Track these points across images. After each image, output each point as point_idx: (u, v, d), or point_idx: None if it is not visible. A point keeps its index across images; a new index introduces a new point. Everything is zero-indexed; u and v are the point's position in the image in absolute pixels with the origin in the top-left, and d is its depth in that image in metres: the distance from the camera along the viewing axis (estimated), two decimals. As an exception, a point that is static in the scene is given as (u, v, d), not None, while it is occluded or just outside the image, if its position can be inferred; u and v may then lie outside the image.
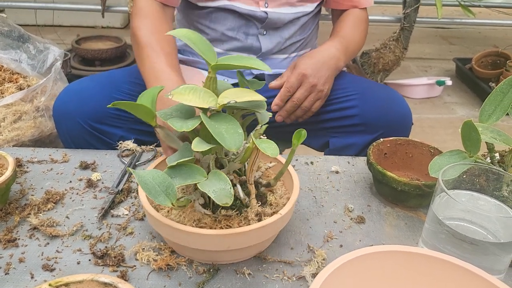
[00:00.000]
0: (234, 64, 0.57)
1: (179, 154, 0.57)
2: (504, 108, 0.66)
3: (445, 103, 2.37)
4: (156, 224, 0.58)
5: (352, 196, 0.75)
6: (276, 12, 0.97)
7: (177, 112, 0.59)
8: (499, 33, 3.55)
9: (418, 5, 1.89)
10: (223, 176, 0.53)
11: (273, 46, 1.01)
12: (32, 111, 1.02)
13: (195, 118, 0.55)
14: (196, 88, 0.54)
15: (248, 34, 0.99)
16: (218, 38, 1.00)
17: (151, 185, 0.51)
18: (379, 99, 0.91)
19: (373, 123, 0.90)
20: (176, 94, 0.53)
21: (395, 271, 0.47)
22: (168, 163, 0.54)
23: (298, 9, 1.00)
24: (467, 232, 0.54)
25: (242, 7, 0.95)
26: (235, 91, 0.57)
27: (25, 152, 0.83)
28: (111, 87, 0.92)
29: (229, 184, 0.52)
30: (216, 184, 0.51)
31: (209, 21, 0.99)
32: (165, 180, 0.51)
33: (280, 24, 0.99)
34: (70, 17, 3.15)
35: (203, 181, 0.52)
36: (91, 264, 0.59)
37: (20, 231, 0.64)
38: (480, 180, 0.60)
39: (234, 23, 0.98)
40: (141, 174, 0.52)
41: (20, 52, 1.13)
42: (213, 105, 0.53)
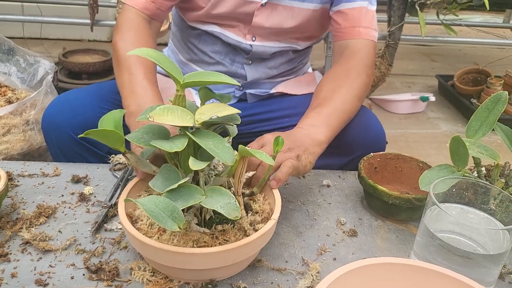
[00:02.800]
0: (203, 81, 0.58)
1: (162, 177, 0.56)
2: (490, 124, 0.68)
3: (429, 118, 2.42)
4: (151, 252, 0.55)
5: (343, 209, 0.76)
6: (262, 45, 0.97)
7: (149, 134, 0.57)
8: (479, 51, 3.65)
9: (403, 23, 1.94)
10: (224, 190, 0.54)
11: (259, 75, 1.02)
12: (21, 124, 1.01)
13: (179, 138, 0.54)
14: (172, 108, 0.54)
15: (234, 61, 1.00)
16: (204, 60, 1.02)
17: (157, 212, 0.50)
18: (354, 122, 0.90)
19: (348, 145, 0.91)
20: (156, 116, 0.52)
21: (390, 283, 0.48)
22: (154, 188, 0.54)
23: (286, 44, 1.00)
24: (458, 244, 0.55)
25: (230, 36, 0.97)
26: (209, 107, 0.57)
27: (15, 166, 0.83)
28: (99, 98, 0.92)
29: (233, 197, 0.53)
30: (221, 200, 0.52)
31: (198, 42, 1.01)
32: (168, 204, 0.51)
33: (266, 56, 1.00)
34: (56, 30, 3.14)
35: (204, 199, 0.52)
36: (85, 279, 0.58)
37: (12, 245, 0.63)
38: (468, 193, 0.62)
39: (222, 48, 0.99)
40: (144, 202, 0.51)
41: (10, 65, 1.13)
42: (193, 123, 0.54)
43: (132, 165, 0.60)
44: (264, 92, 1.05)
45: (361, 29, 0.92)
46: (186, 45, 1.04)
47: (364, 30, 0.92)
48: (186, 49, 1.05)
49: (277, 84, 1.06)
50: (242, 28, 0.96)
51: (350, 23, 0.92)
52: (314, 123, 0.79)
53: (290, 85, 1.06)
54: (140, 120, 0.56)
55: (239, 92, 1.03)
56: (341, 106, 0.83)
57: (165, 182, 0.55)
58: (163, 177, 0.56)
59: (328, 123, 0.79)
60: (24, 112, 1.03)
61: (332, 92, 0.85)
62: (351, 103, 0.85)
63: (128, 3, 0.91)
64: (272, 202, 0.65)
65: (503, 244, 0.55)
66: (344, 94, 0.85)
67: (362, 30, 0.92)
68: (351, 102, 0.85)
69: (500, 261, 0.56)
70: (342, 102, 0.84)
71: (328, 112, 0.81)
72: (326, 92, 0.86)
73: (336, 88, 0.86)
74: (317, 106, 0.83)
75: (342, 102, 0.84)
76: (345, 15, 0.93)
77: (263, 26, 0.94)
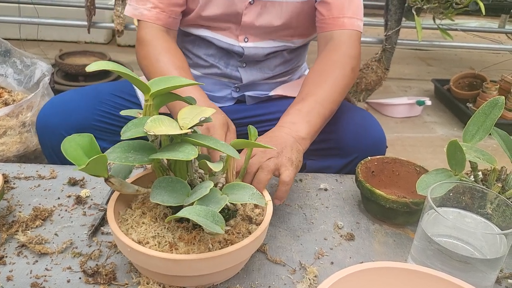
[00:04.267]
0: (169, 87, 0.57)
1: (165, 190, 0.55)
2: (487, 128, 0.68)
3: (425, 122, 2.43)
4: (151, 263, 0.54)
5: (341, 213, 0.76)
6: (255, 46, 0.97)
7: (131, 151, 0.55)
8: (475, 56, 3.67)
9: (399, 28, 1.95)
10: (243, 184, 0.57)
11: (254, 78, 1.02)
12: (17, 126, 1.01)
13: (185, 145, 0.54)
14: (159, 118, 0.54)
15: (228, 64, 1.00)
16: (199, 63, 1.02)
17: (203, 220, 0.50)
18: (354, 124, 0.92)
19: (347, 147, 0.91)
20: (152, 129, 0.51)
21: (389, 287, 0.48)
22: (164, 203, 0.54)
23: (280, 43, 0.99)
24: (455, 248, 0.55)
25: (222, 40, 0.97)
26: (187, 111, 0.57)
27: (11, 168, 0.82)
28: (95, 99, 0.92)
29: (253, 187, 0.58)
30: (245, 193, 0.57)
31: (192, 47, 1.02)
32: (208, 211, 0.51)
33: (259, 58, 0.99)
34: (53, 31, 3.13)
35: (231, 197, 0.56)
36: (81, 282, 0.58)
37: (8, 248, 0.63)
38: (465, 198, 0.62)
39: (215, 52, 1.00)
40: (188, 214, 0.50)
41: (6, 66, 1.12)
42: (185, 129, 0.54)
43: (116, 190, 0.58)
44: (263, 94, 1.05)
45: (346, 19, 0.91)
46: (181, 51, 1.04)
47: (348, 21, 0.91)
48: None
49: (274, 86, 1.06)
50: (234, 30, 0.96)
51: (334, 13, 0.91)
52: (294, 121, 0.78)
53: (289, 87, 1.06)
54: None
55: (237, 93, 1.04)
56: (322, 102, 0.82)
57: (172, 194, 0.55)
58: (166, 190, 0.55)
59: (308, 120, 0.79)
60: (20, 114, 1.03)
61: (316, 87, 0.84)
62: (334, 98, 0.85)
63: (142, 19, 0.92)
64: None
65: (500, 249, 0.55)
66: (327, 90, 0.84)
67: (347, 21, 0.91)
68: (334, 98, 0.85)
69: (497, 265, 0.56)
70: (324, 98, 0.83)
71: (309, 109, 0.80)
72: (310, 88, 0.85)
73: (320, 84, 0.85)
74: (299, 102, 0.82)
75: (324, 98, 0.83)
76: (328, 5, 0.91)
77: (253, 25, 0.94)
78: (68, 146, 0.52)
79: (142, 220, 0.59)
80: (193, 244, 0.57)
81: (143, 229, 0.58)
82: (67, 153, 0.51)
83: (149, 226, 0.59)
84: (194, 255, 0.53)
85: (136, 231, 0.58)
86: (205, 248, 0.56)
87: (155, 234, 0.57)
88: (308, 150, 0.97)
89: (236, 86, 1.03)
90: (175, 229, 0.59)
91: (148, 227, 0.58)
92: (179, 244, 0.56)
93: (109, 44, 3.33)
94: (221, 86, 1.03)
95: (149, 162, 0.54)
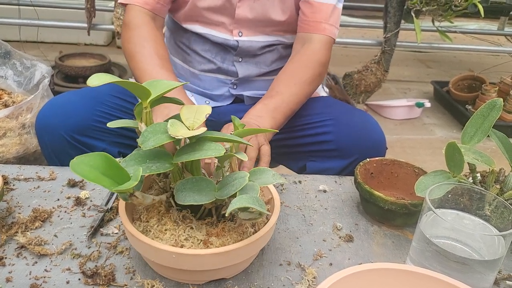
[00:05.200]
0: (165, 91, 0.59)
1: (192, 190, 0.56)
2: (485, 130, 0.68)
3: (424, 124, 2.43)
4: (160, 255, 0.55)
5: (340, 214, 0.76)
6: (249, 40, 0.99)
7: (151, 160, 0.55)
8: (474, 58, 3.68)
9: (398, 30, 1.95)
10: (262, 168, 0.61)
11: (249, 72, 1.03)
12: (17, 128, 1.01)
13: (205, 143, 0.55)
14: (175, 122, 0.56)
15: (224, 59, 1.02)
16: (196, 59, 1.03)
17: (257, 206, 0.53)
18: (353, 125, 0.93)
19: (347, 148, 0.92)
20: (175, 132, 0.53)
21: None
22: (196, 202, 0.55)
23: (274, 38, 1.01)
24: (453, 250, 0.56)
25: (217, 35, 0.98)
26: (186, 112, 0.59)
27: (11, 169, 0.82)
28: (94, 100, 0.93)
29: (270, 170, 0.62)
30: (266, 176, 0.60)
31: (189, 42, 1.03)
32: (253, 198, 0.54)
33: (254, 51, 1.01)
34: (52, 33, 3.13)
35: (257, 181, 0.59)
36: (81, 284, 0.58)
37: (7, 249, 0.63)
38: (464, 199, 0.63)
39: (211, 47, 1.01)
40: (240, 202, 0.52)
41: (6, 68, 1.12)
42: (193, 129, 0.56)
43: (138, 204, 0.58)
44: (262, 94, 1.05)
45: (327, 26, 0.96)
46: (178, 47, 1.06)
47: (329, 27, 0.96)
48: (179, 51, 1.06)
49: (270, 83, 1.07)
50: (228, 25, 0.97)
51: (317, 18, 0.95)
52: (260, 115, 0.84)
53: None
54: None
55: (234, 90, 1.04)
56: (288, 102, 0.89)
57: (201, 192, 0.56)
58: (193, 190, 0.56)
59: (274, 116, 0.85)
60: (20, 116, 1.03)
61: (285, 87, 0.90)
62: (299, 100, 0.92)
63: (130, 2, 0.93)
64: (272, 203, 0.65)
65: (498, 250, 0.55)
66: (296, 92, 0.90)
67: (328, 27, 0.96)
68: (299, 99, 0.92)
69: (495, 267, 0.56)
70: (291, 99, 0.89)
71: (275, 106, 0.87)
72: (280, 87, 0.91)
73: (289, 85, 0.91)
74: (267, 98, 0.89)
75: (291, 100, 0.89)
76: (313, 8, 0.95)
77: (247, 18, 0.96)
78: (79, 169, 0.49)
79: (164, 228, 0.59)
80: (223, 236, 0.58)
81: (169, 235, 0.58)
82: (84, 173, 0.49)
83: (175, 231, 0.59)
84: (237, 244, 0.55)
85: (163, 239, 0.58)
86: (238, 236, 0.59)
87: (187, 236, 0.58)
88: (308, 151, 0.98)
89: (232, 83, 1.03)
90: (201, 227, 0.59)
91: (174, 232, 0.58)
92: (211, 240, 0.57)
93: (108, 46, 3.34)
94: (218, 83, 1.04)
95: (171, 167, 0.55)
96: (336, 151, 0.93)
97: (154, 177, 0.66)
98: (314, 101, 1.01)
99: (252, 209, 0.58)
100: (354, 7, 3.77)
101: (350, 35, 3.63)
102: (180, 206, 0.62)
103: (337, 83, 2.31)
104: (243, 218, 0.57)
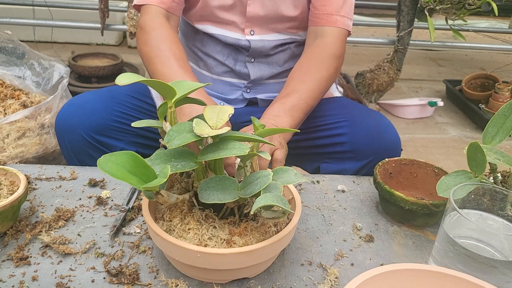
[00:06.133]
0: (189, 91, 0.60)
1: (216, 189, 0.57)
2: (507, 130, 0.68)
3: (437, 123, 2.42)
4: (187, 255, 0.56)
5: (359, 214, 0.76)
6: (261, 39, 0.98)
7: (176, 159, 0.56)
8: (486, 56, 3.65)
9: (412, 29, 1.94)
10: (285, 168, 0.62)
11: (262, 73, 1.02)
12: (36, 128, 1.02)
13: (229, 142, 0.56)
14: (199, 121, 0.57)
15: (237, 60, 1.01)
16: (209, 62, 1.03)
17: (282, 204, 0.53)
18: (368, 127, 0.92)
19: (362, 150, 0.91)
20: (202, 131, 0.54)
21: (413, 289, 0.48)
22: (222, 201, 0.55)
23: (286, 36, 1.00)
24: (477, 250, 0.55)
25: (228, 35, 0.98)
26: (209, 112, 0.60)
27: (32, 169, 0.83)
28: (112, 100, 0.94)
29: (293, 169, 0.62)
30: (289, 175, 0.60)
31: (201, 45, 1.03)
32: (277, 196, 0.54)
33: (267, 51, 1.00)
34: (65, 33, 3.16)
35: (280, 180, 0.59)
36: (106, 282, 0.59)
37: (32, 249, 0.64)
38: (485, 199, 0.62)
39: (223, 49, 1.00)
40: (265, 200, 0.53)
41: (24, 69, 1.14)
42: (216, 128, 0.57)
43: (163, 203, 0.58)
44: (275, 96, 1.05)
45: (338, 17, 0.94)
46: (191, 51, 1.06)
47: (341, 19, 0.94)
48: (192, 54, 1.07)
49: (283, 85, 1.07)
50: (239, 24, 0.97)
51: (328, 10, 0.93)
52: (278, 114, 0.82)
53: None
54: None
55: (248, 94, 1.04)
56: (306, 99, 0.86)
57: (225, 191, 0.56)
58: (217, 189, 0.57)
59: (292, 114, 0.83)
60: (39, 116, 1.04)
61: (301, 84, 0.88)
62: (316, 96, 0.89)
63: (145, 3, 0.93)
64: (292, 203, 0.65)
65: (523, 251, 0.55)
66: (312, 88, 0.88)
67: (339, 19, 0.94)
68: (317, 96, 0.89)
69: (520, 267, 0.56)
70: (308, 96, 0.87)
71: (293, 104, 0.84)
72: (295, 84, 0.89)
73: (305, 81, 0.89)
74: (284, 96, 0.86)
75: (308, 96, 0.87)
76: (323, 0, 0.93)
77: (258, 15, 0.95)
78: (107, 167, 0.50)
79: (187, 227, 0.60)
80: (246, 235, 0.58)
81: (192, 234, 0.59)
82: (112, 171, 0.50)
83: (198, 230, 0.59)
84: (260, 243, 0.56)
85: (187, 238, 0.58)
86: (260, 236, 0.59)
87: (210, 235, 0.58)
88: (322, 153, 0.98)
89: (246, 86, 1.03)
90: (223, 226, 0.60)
91: (197, 231, 0.59)
92: (234, 239, 0.58)
93: (120, 45, 3.36)
94: (231, 87, 1.04)
95: (196, 166, 0.55)
96: (351, 153, 0.92)
97: (177, 176, 0.67)
98: (329, 102, 1.01)
99: (275, 208, 0.59)
100: (364, 5, 3.77)
101: (360, 34, 3.62)
102: (202, 206, 0.62)
103: (349, 82, 2.30)
104: (266, 217, 0.58)
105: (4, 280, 0.58)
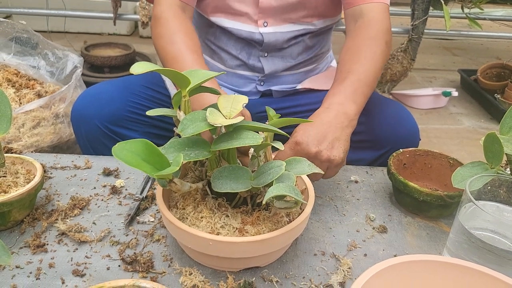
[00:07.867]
0: (202, 81, 0.60)
1: (228, 178, 0.57)
2: (525, 121, 0.67)
3: (451, 113, 2.39)
4: (199, 242, 0.56)
5: (372, 205, 0.76)
6: (274, 32, 0.96)
7: (190, 148, 0.56)
8: (501, 45, 3.58)
9: (427, 17, 1.91)
10: (298, 158, 0.62)
11: (276, 67, 1.01)
12: (51, 117, 1.03)
13: (243, 132, 0.56)
14: (213, 111, 0.57)
15: (250, 55, 1.00)
16: (223, 56, 1.02)
17: (294, 194, 0.54)
18: (386, 116, 0.91)
19: (380, 139, 0.90)
20: (216, 120, 0.54)
21: (429, 281, 0.48)
22: (235, 190, 0.55)
23: (300, 27, 0.97)
24: (494, 242, 0.55)
25: (241, 28, 0.96)
26: (222, 101, 0.59)
27: (47, 158, 0.84)
28: (127, 91, 0.94)
29: (306, 160, 0.62)
30: (302, 166, 0.60)
31: (214, 38, 1.02)
32: (289, 186, 0.54)
33: (280, 45, 0.98)
34: (78, 23, 3.18)
35: (293, 171, 0.59)
36: (121, 270, 0.60)
37: (48, 236, 0.65)
38: (502, 191, 0.62)
39: (236, 43, 0.99)
40: (278, 190, 0.53)
41: (39, 59, 1.15)
42: (230, 117, 0.57)
43: (176, 191, 0.58)
44: (289, 88, 1.04)
45: None
46: (205, 44, 1.05)
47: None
48: (206, 48, 1.06)
49: (298, 77, 1.05)
50: (252, 15, 0.95)
51: None
52: (341, 101, 0.76)
53: (317, 80, 1.06)
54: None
55: (261, 87, 1.04)
56: (365, 81, 0.80)
57: (238, 180, 0.56)
58: (230, 178, 0.57)
59: (355, 100, 0.77)
60: (53, 106, 1.05)
61: (356, 65, 0.82)
62: (375, 76, 0.82)
63: None
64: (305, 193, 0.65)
65: (540, 243, 0.54)
66: (368, 67, 0.82)
67: None
68: (375, 75, 0.82)
69: (537, 260, 0.55)
70: (366, 76, 0.81)
71: (354, 88, 0.78)
72: (350, 65, 0.82)
73: (359, 61, 0.82)
74: (342, 81, 0.80)
75: (366, 76, 0.81)
76: None
77: (271, 5, 0.93)
78: (121, 154, 0.50)
79: (200, 215, 0.60)
80: (258, 224, 0.59)
81: (205, 223, 0.59)
82: (127, 158, 0.50)
83: (211, 219, 0.59)
84: (273, 232, 0.56)
85: (200, 226, 0.59)
86: (273, 225, 0.59)
87: (222, 224, 0.59)
88: None
89: (259, 79, 1.03)
90: (236, 215, 0.60)
91: (210, 220, 0.59)
92: (246, 228, 0.58)
93: (132, 35, 3.36)
94: (245, 80, 1.03)
95: (209, 155, 0.55)
96: (368, 142, 0.92)
97: (190, 165, 0.67)
98: None
99: (287, 198, 0.59)
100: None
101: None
102: (215, 194, 0.63)
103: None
104: (278, 207, 0.58)
105: (22, 266, 0.59)
